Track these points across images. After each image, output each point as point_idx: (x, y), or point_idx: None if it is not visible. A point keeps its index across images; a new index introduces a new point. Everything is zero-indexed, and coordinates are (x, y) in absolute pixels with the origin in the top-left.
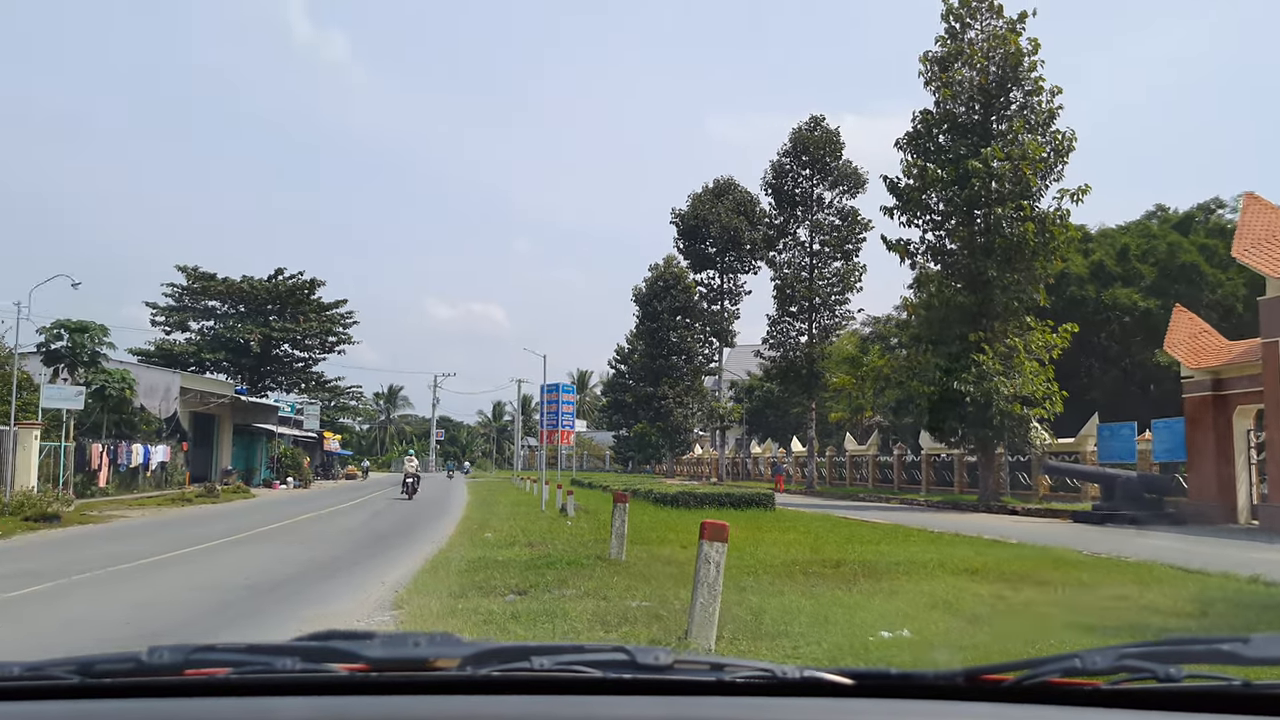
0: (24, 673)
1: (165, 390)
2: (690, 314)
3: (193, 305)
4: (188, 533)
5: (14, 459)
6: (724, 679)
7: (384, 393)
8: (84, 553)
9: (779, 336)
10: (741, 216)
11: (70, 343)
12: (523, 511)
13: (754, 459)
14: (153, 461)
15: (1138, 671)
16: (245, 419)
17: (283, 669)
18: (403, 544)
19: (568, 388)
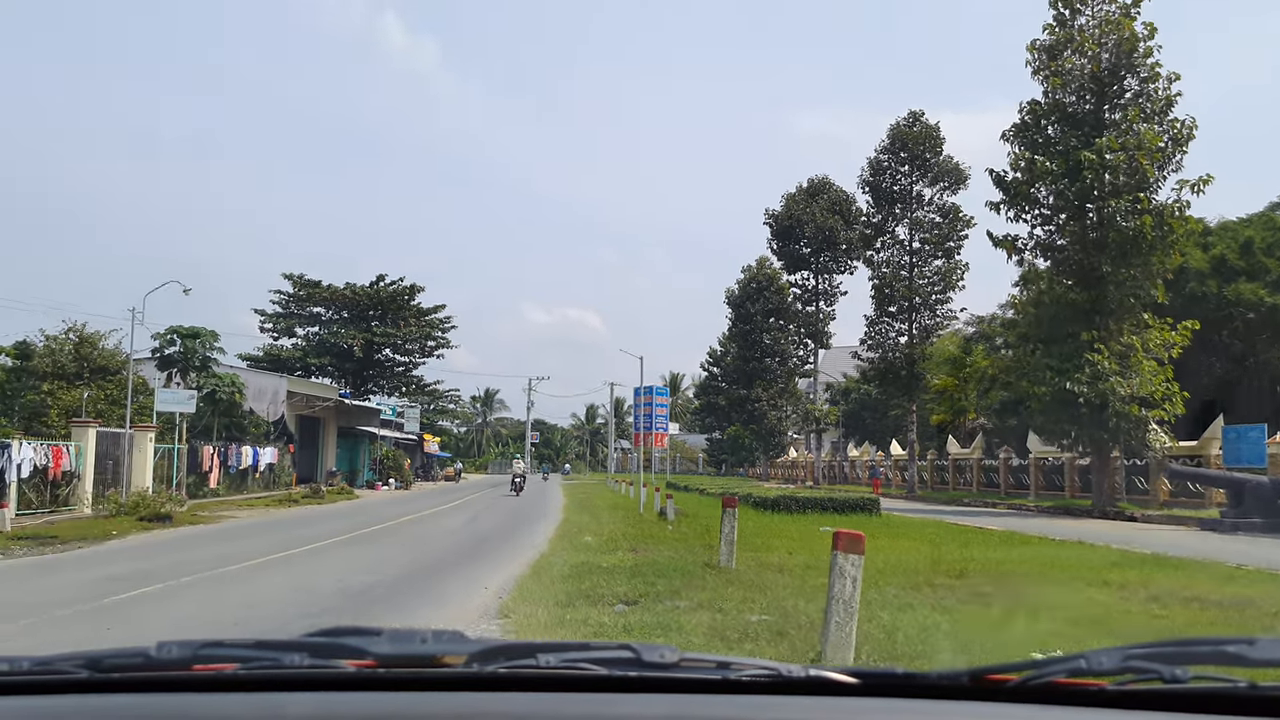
0: (33, 667)
1: (273, 394)
2: (784, 315)
3: (298, 312)
4: (294, 534)
5: (130, 461)
6: (729, 677)
7: (480, 396)
8: (194, 553)
9: (878, 337)
10: (836, 216)
11: (183, 348)
12: (621, 515)
13: (851, 462)
14: (261, 463)
15: (1143, 672)
16: (349, 422)
17: (290, 665)
18: (504, 547)
19: (661, 390)
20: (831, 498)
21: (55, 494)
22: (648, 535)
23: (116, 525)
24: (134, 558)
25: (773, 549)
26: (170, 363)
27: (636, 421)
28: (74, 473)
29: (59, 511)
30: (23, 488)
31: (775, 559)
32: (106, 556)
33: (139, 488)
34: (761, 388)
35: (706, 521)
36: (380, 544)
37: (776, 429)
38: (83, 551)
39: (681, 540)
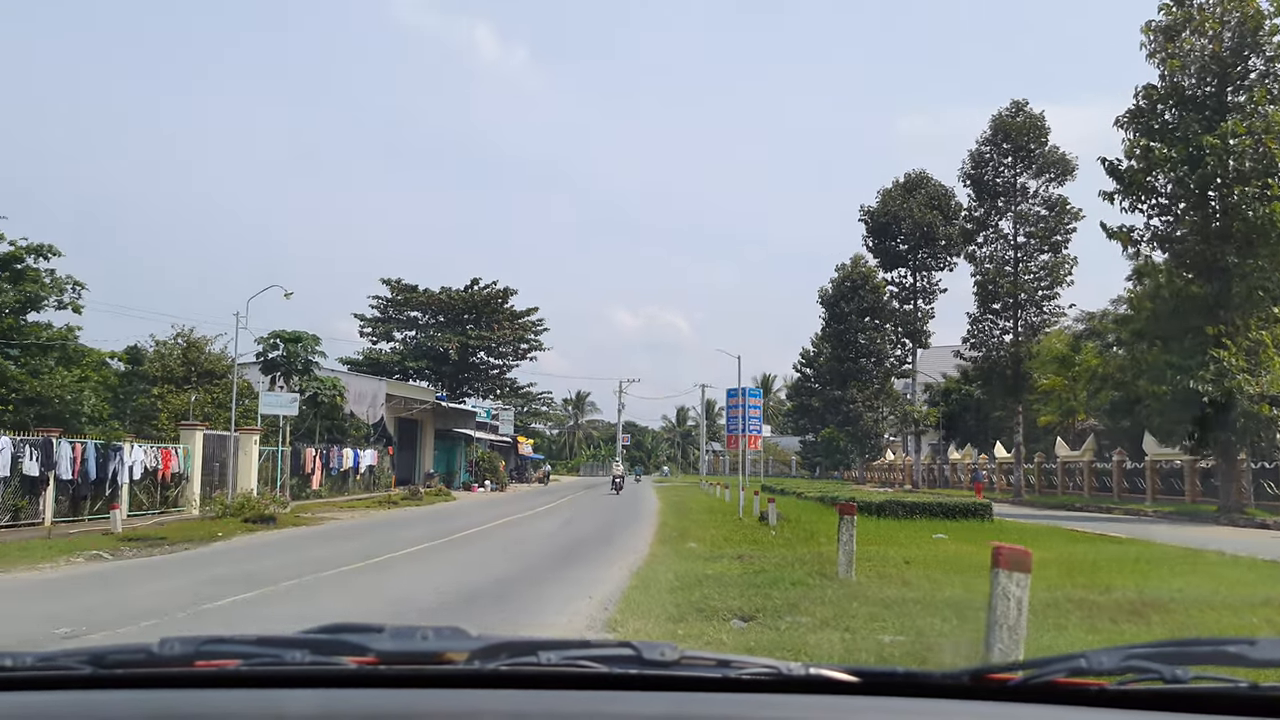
0: (37, 663)
1: (372, 397)
2: (879, 315)
3: (396, 316)
4: (393, 536)
5: (235, 463)
6: (730, 675)
7: (571, 398)
8: (295, 556)
9: (981, 336)
10: (935, 211)
11: (285, 352)
12: (719, 519)
13: (952, 465)
14: (361, 465)
15: (1144, 672)
16: (445, 424)
17: (292, 661)
18: (603, 551)
19: (754, 392)
20: (940, 503)
21: (164, 495)
22: (751, 541)
23: (222, 527)
24: (237, 560)
25: (887, 559)
26: (273, 366)
27: (729, 423)
28: (183, 474)
29: (168, 512)
30: (134, 489)
31: (893, 570)
32: (211, 558)
33: (244, 489)
34: (857, 389)
35: (810, 527)
36: (479, 547)
37: (872, 431)
38: (189, 553)
39: (787, 547)
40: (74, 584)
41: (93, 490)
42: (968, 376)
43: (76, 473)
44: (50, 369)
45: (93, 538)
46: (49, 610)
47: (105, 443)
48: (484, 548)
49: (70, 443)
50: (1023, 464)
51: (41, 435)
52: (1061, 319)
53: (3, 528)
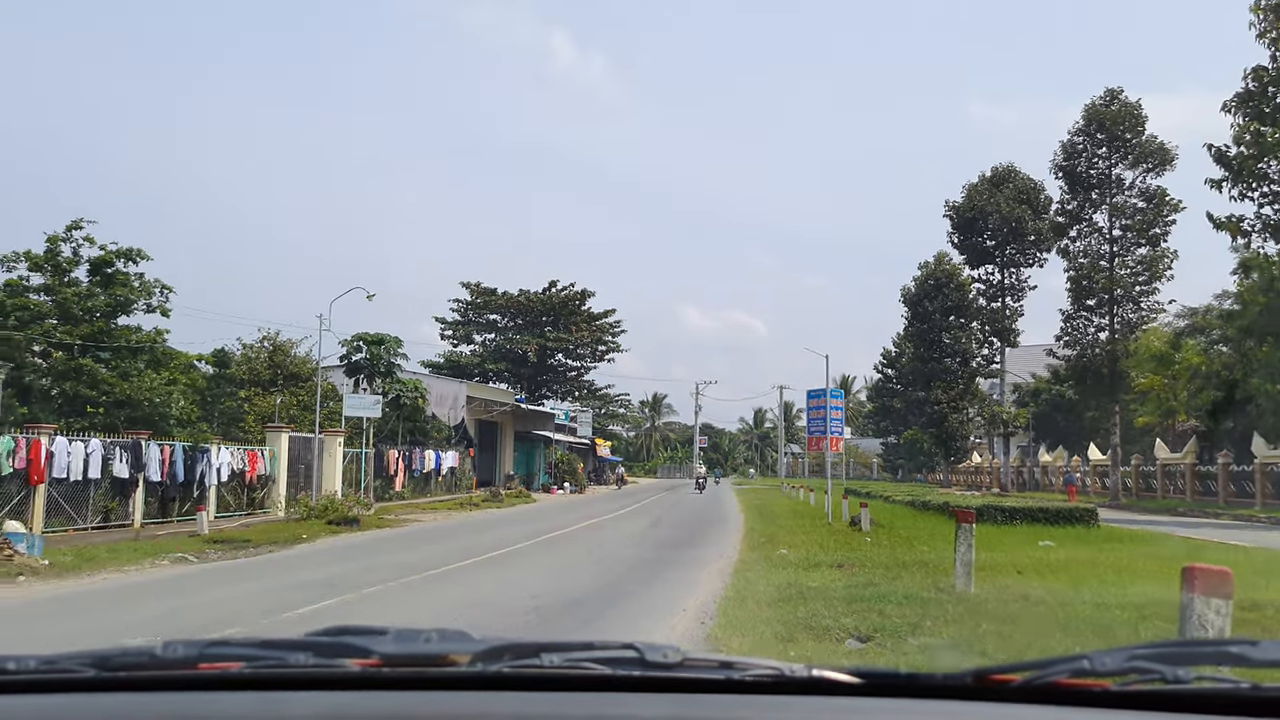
0: (40, 666)
1: (454, 399)
2: (964, 313)
3: (475, 319)
4: (475, 539)
5: (320, 464)
6: (732, 677)
7: (648, 400)
8: (378, 559)
9: (1075, 333)
10: (1024, 205)
11: (368, 355)
12: (808, 524)
13: (1043, 468)
14: (443, 467)
15: (1147, 673)
16: (524, 426)
17: (296, 664)
18: (691, 558)
19: (836, 392)
20: (1041, 507)
21: (250, 497)
22: (846, 548)
23: (306, 529)
24: (321, 563)
25: (999, 568)
26: (357, 369)
27: (811, 425)
28: (268, 477)
29: (254, 514)
30: (221, 491)
31: (1009, 581)
32: (295, 562)
33: (329, 491)
34: (941, 389)
35: (905, 533)
36: (564, 552)
37: (958, 433)
38: (272, 556)
39: (888, 555)
40: (158, 588)
41: (180, 492)
42: (1059, 376)
43: (165, 475)
44: (139, 372)
45: (179, 540)
46: (130, 618)
47: (193, 445)
48: (569, 552)
49: (159, 445)
50: (1119, 466)
51: (131, 437)
52: (1160, 315)
53: (94, 529)
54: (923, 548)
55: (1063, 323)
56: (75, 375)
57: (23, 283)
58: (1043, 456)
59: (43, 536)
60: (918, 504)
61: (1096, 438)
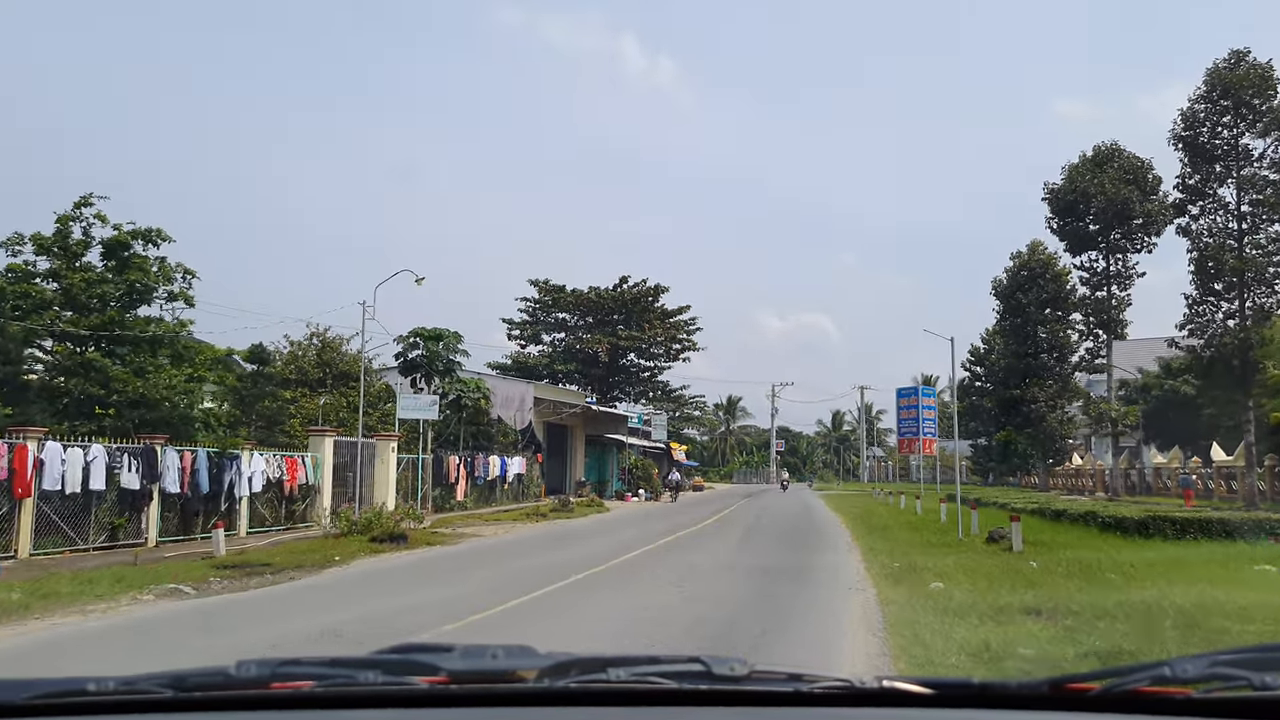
0: (119, 687)
1: (520, 400)
2: (1061, 305)
3: (544, 319)
4: (540, 561)
5: (362, 473)
6: (801, 690)
7: (723, 403)
8: (414, 594)
9: (1201, 321)
10: (1131, 185)
11: (425, 352)
12: (933, 540)
13: (1155, 470)
14: (509, 473)
15: (1231, 679)
16: (596, 430)
17: (365, 682)
18: (812, 595)
19: (928, 390)
20: (1223, 519)
21: (290, 510)
22: (1015, 579)
23: (344, 547)
24: (341, 599)
25: (1229, 610)
26: (413, 367)
27: (901, 426)
28: (312, 486)
29: (294, 528)
30: (255, 503)
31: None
32: (310, 596)
33: (381, 501)
34: (1038, 387)
35: (1066, 552)
36: (642, 583)
37: (1057, 433)
38: (291, 586)
39: (1083, 592)
40: (101, 643)
41: (206, 505)
42: (1171, 370)
43: (185, 485)
44: (157, 368)
45: (187, 564)
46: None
47: (220, 451)
48: (650, 586)
49: (178, 451)
50: (1255, 468)
51: (143, 442)
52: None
53: (97, 550)
54: (1110, 575)
55: (1187, 309)
56: (83, 372)
57: (28, 268)
58: (1154, 458)
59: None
60: (1048, 513)
61: (1217, 436)
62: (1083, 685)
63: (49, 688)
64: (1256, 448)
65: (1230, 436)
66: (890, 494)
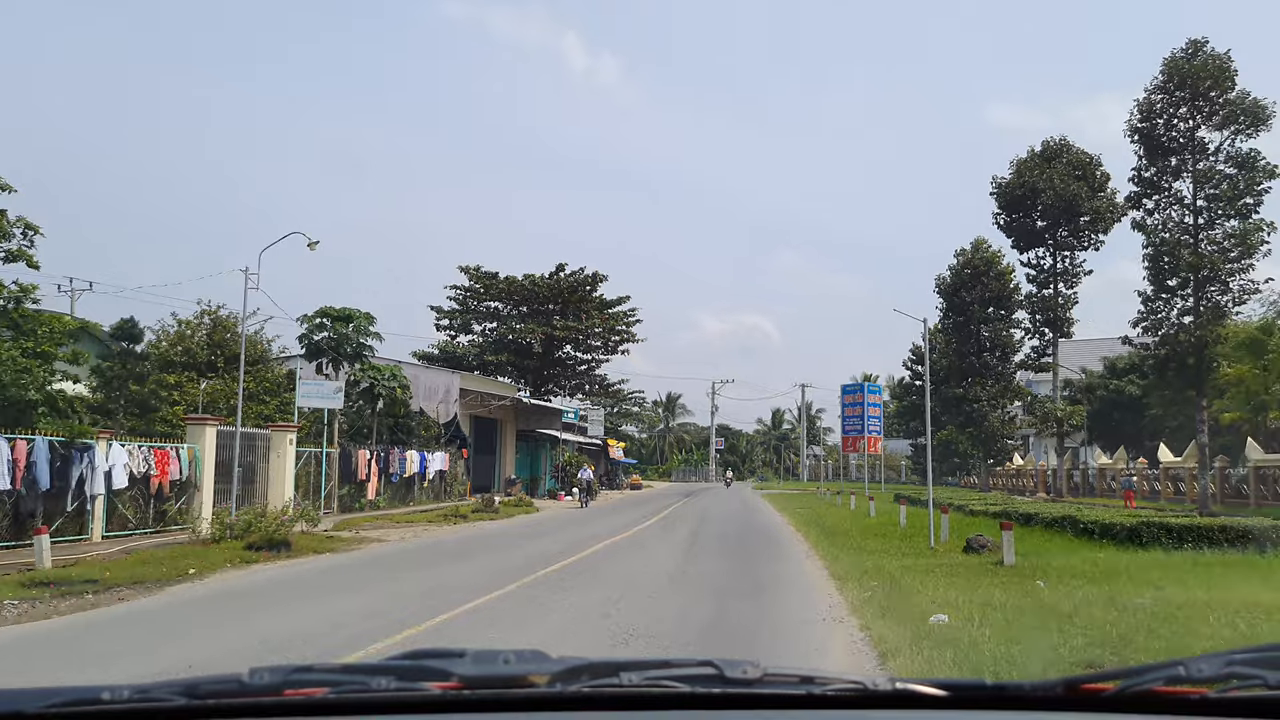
0: (133, 695)
1: (445, 391)
2: (1005, 304)
3: (475, 307)
4: (445, 574)
5: (251, 466)
6: (814, 692)
7: (662, 401)
8: (268, 623)
9: (1155, 318)
10: (1080, 181)
11: (334, 334)
12: (899, 548)
13: (1099, 471)
14: (430, 470)
15: (1247, 678)
16: (528, 424)
17: (378, 688)
18: (770, 621)
19: (874, 387)
20: (1225, 526)
21: (160, 510)
22: (1029, 603)
23: (211, 556)
24: (155, 637)
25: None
26: (319, 351)
27: (846, 423)
28: (190, 482)
29: (165, 531)
30: (117, 502)
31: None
32: (120, 630)
33: (275, 500)
34: (980, 386)
35: (1058, 562)
36: (569, 606)
37: (999, 433)
38: (105, 614)
39: (1120, 622)
40: None
41: (48, 504)
42: (1116, 369)
43: (19, 480)
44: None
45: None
46: None
47: (67, 440)
48: (574, 614)
49: (8, 439)
50: (1208, 469)
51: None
52: (1254, 297)
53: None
54: (1142, 599)
55: (1142, 305)
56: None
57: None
58: (1099, 458)
59: None
60: (1015, 517)
61: (1163, 437)
62: (1098, 685)
63: (64, 696)
64: (1209, 448)
65: (1176, 437)
66: (837, 493)
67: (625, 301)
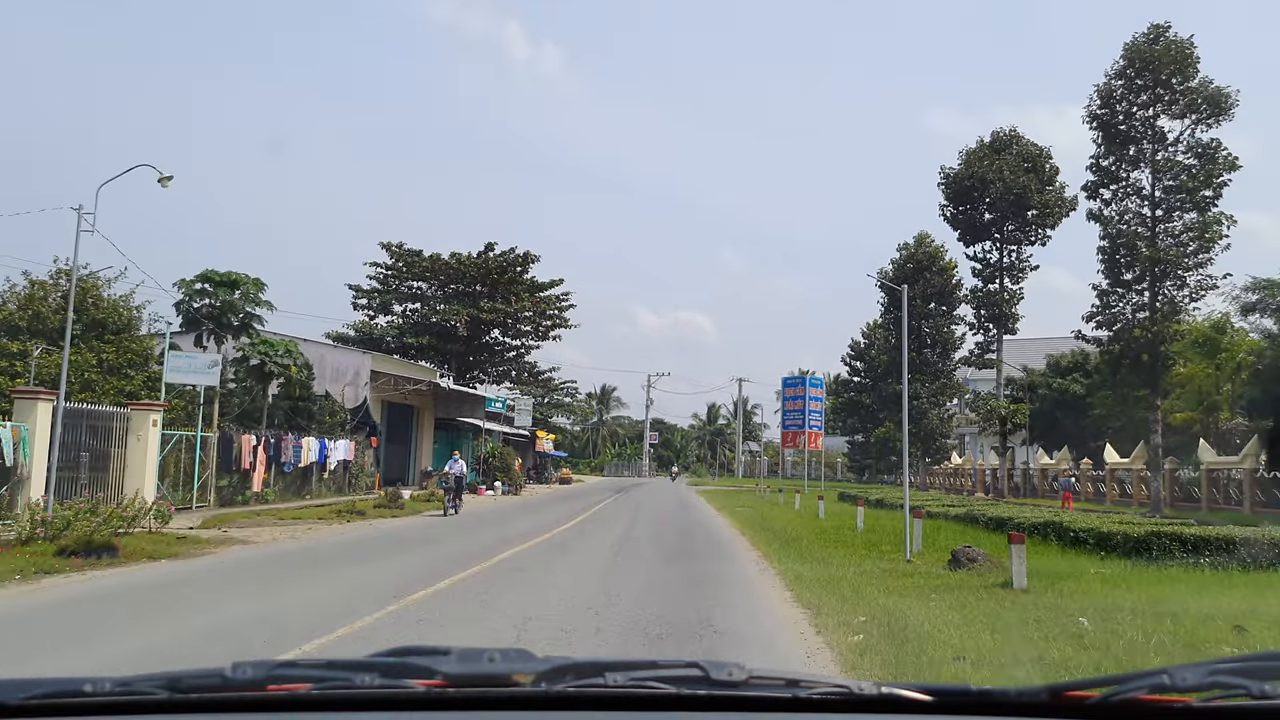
0: (115, 688)
1: (354, 373)
2: (948, 299)
3: (397, 287)
4: (293, 597)
5: (102, 450)
6: (800, 695)
7: (596, 393)
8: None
9: (1109, 313)
10: (1030, 173)
11: (216, 301)
12: (871, 559)
13: (1042, 471)
14: (332, 460)
15: (1230, 688)
16: (448, 412)
17: (362, 685)
18: (733, 641)
19: (815, 380)
20: (1227, 536)
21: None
22: (1083, 657)
23: (4, 562)
24: None
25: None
26: (198, 321)
27: (786, 418)
28: (15, 470)
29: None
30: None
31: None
32: None
33: (137, 491)
34: (920, 382)
35: (1070, 584)
36: (470, 614)
37: (938, 431)
38: None
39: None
40: None
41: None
42: (1060, 367)
43: None
44: None
45: None
46: None
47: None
48: (484, 626)
49: None
50: (1160, 470)
51: None
52: (1210, 292)
53: None
54: (1222, 644)
55: (1096, 299)
56: None
57: None
58: (1040, 459)
59: None
60: (983, 522)
61: (1107, 437)
62: (1082, 693)
63: (45, 688)
64: (1158, 450)
65: (1119, 438)
66: (778, 491)
67: (558, 285)
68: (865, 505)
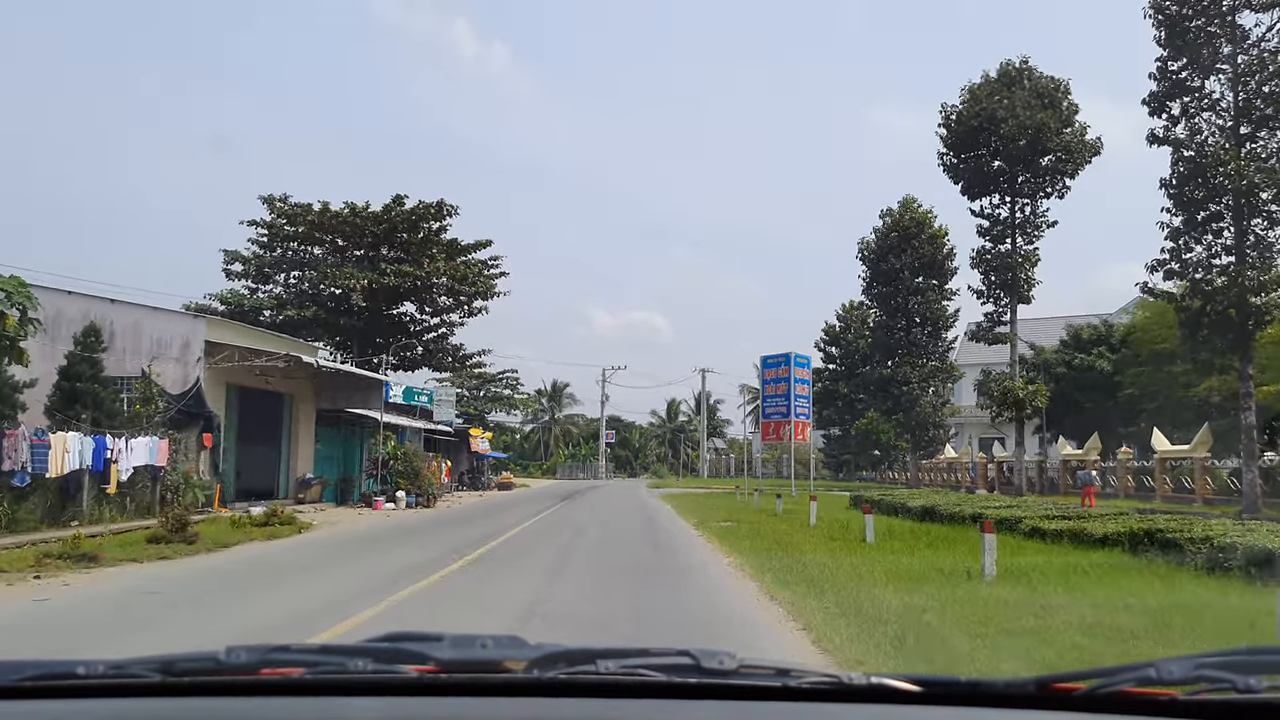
0: (108, 671)
1: (182, 345)
2: (938, 272)
3: (282, 250)
4: None
5: None
6: (790, 684)
7: (547, 390)
8: None
9: (1182, 260)
10: (1048, 109)
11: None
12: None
13: (1064, 463)
14: (122, 466)
15: (1216, 682)
16: (336, 401)
17: (355, 670)
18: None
19: (801, 359)
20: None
21: None
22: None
23: None
24: None
25: None
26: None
27: (767, 404)
28: None
29: None
30: None
31: None
32: None
33: None
34: (909, 365)
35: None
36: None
37: (931, 419)
38: None
39: None
40: None
41: None
42: (1081, 340)
43: None
44: None
45: None
46: None
47: None
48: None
49: None
50: (1255, 459)
51: None
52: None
53: None
54: None
55: (1167, 240)
56: None
57: None
58: (1063, 448)
59: None
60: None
61: (1140, 420)
62: (1069, 685)
63: (38, 670)
64: (1255, 432)
65: (1156, 421)
66: (751, 492)
67: (485, 247)
68: (889, 515)
